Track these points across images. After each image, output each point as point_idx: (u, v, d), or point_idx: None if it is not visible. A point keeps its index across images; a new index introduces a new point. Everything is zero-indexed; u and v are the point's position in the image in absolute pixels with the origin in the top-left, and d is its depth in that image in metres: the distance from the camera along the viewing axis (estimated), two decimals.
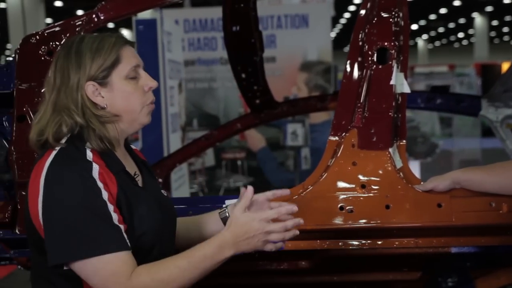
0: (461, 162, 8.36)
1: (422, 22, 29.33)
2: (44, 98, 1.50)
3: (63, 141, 1.46)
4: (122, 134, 1.54)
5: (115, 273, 1.36)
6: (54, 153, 1.44)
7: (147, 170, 1.67)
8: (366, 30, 1.93)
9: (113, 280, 1.36)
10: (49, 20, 18.97)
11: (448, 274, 2.34)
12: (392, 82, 1.88)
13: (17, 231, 1.91)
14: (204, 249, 1.42)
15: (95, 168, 1.41)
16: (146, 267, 1.39)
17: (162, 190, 1.69)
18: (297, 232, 1.50)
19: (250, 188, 1.50)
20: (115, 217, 1.39)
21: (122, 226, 1.40)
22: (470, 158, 8.45)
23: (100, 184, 1.40)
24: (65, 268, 1.40)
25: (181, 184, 5.94)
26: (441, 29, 32.46)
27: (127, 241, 1.40)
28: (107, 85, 1.48)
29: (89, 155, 1.44)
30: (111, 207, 1.39)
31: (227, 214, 1.64)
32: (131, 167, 1.57)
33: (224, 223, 1.62)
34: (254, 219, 1.44)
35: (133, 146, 1.70)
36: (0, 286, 4.75)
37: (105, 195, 1.39)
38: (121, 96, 1.49)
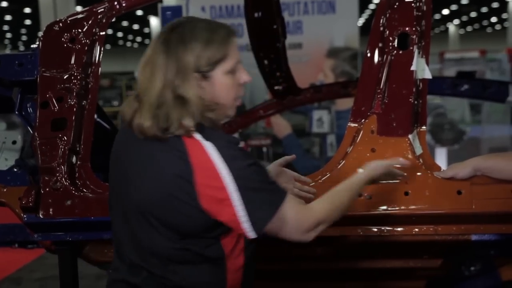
0: (490, 149, 8.16)
1: (454, 7, 28.68)
2: (153, 81, 1.48)
3: (192, 127, 1.47)
4: (215, 123, 1.56)
5: (302, 208, 1.54)
6: (200, 137, 1.46)
7: None
8: (388, 15, 1.91)
9: (305, 215, 1.53)
10: (79, 8, 19.16)
11: (471, 262, 2.31)
12: (412, 68, 1.86)
13: (40, 215, 1.95)
14: (359, 182, 1.69)
15: (241, 143, 1.57)
16: (324, 197, 1.61)
17: None
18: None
19: (404, 161, 1.78)
20: None
21: None
22: (499, 145, 8.25)
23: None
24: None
25: None
26: (473, 14, 31.72)
27: None
28: (209, 78, 1.50)
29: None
30: None
31: None
32: None
33: None
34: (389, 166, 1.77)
35: None
36: (28, 270, 4.84)
37: None
38: (220, 89, 1.52)
